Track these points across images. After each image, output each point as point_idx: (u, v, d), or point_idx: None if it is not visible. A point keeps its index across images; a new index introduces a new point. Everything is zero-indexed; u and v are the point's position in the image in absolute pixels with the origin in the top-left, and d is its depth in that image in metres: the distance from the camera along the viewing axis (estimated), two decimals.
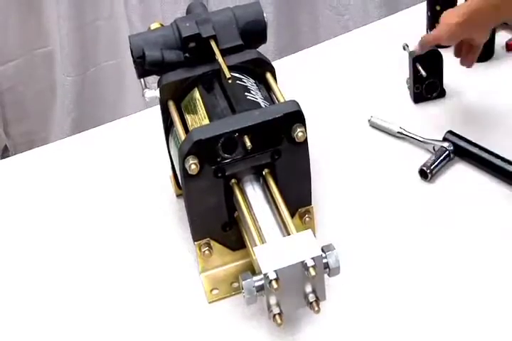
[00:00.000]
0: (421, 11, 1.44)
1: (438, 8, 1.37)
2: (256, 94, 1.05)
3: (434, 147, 1.22)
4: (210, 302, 1.06)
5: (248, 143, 0.97)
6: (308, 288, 0.94)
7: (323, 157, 1.21)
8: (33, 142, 2.15)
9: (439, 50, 1.31)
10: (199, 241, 1.06)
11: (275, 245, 0.95)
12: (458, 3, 1.30)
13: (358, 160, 1.24)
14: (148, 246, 1.14)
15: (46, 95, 2.18)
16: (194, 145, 0.97)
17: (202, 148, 0.97)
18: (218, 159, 0.99)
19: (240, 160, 1.00)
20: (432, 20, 1.40)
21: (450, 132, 1.23)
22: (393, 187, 1.19)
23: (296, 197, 1.06)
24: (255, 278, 0.92)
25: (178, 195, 1.19)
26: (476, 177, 1.19)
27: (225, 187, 1.02)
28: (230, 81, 1.00)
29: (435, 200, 1.17)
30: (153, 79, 1.09)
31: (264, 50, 1.10)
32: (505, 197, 1.15)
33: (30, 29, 2.07)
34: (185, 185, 1.01)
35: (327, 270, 0.94)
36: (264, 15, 1.09)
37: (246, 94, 1.03)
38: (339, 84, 1.40)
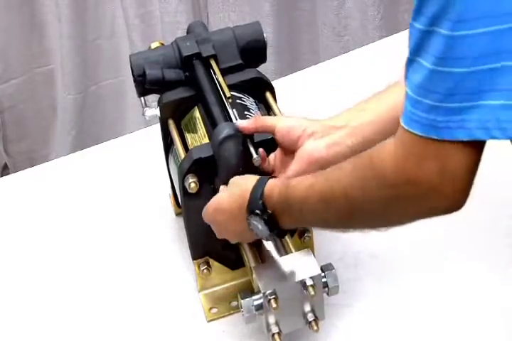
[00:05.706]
0: None
1: None
2: (255, 113, 1.05)
3: None
4: (208, 321, 1.06)
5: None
6: (307, 307, 0.94)
7: None
8: (33, 160, 2.15)
9: None
10: (198, 260, 1.05)
11: (274, 264, 0.95)
12: None
13: None
14: (148, 264, 1.14)
15: (47, 113, 2.18)
16: (194, 164, 0.97)
17: (202, 167, 0.97)
18: None
19: None
20: None
21: None
22: None
23: None
24: (254, 297, 0.92)
25: (177, 214, 1.19)
26: (474, 205, 1.18)
27: None
28: (230, 100, 1.01)
29: (434, 224, 1.16)
30: (153, 98, 1.10)
31: (264, 69, 1.10)
32: (505, 226, 1.14)
33: (31, 48, 2.08)
34: (184, 203, 1.01)
35: (326, 289, 0.94)
36: (264, 35, 1.09)
37: (246, 113, 1.03)
38: (339, 105, 1.39)
